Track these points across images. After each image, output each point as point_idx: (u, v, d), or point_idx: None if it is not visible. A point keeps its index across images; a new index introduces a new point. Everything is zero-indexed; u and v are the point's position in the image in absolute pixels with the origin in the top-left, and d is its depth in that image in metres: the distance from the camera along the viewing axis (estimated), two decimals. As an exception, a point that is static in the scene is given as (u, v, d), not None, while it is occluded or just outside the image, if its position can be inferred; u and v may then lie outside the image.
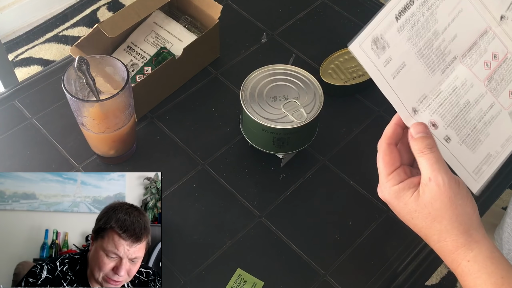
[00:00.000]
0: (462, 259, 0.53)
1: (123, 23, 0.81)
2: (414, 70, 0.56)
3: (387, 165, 0.56)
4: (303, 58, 0.94)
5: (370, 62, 0.54)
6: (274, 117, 0.74)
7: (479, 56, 0.59)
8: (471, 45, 0.58)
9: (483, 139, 0.59)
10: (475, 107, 0.59)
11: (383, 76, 0.55)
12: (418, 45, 0.56)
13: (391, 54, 0.54)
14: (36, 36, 1.93)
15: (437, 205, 0.53)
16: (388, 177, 0.55)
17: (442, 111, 0.57)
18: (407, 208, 0.55)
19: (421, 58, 0.56)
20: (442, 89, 0.57)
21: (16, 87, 0.88)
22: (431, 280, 1.43)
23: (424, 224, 0.54)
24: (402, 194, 0.55)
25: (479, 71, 0.59)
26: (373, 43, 0.54)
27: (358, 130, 0.85)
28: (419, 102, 0.56)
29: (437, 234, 0.54)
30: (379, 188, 0.57)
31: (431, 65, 0.57)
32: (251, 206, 0.76)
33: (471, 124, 0.58)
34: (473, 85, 0.58)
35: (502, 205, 1.55)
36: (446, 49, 0.57)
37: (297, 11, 1.02)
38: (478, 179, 0.60)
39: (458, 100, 0.57)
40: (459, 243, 0.53)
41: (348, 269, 0.71)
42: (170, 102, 0.87)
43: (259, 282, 0.69)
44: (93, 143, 0.78)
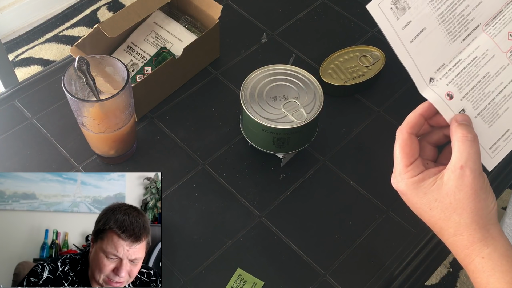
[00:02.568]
0: (476, 255, 0.51)
1: (123, 23, 0.81)
2: (434, 36, 0.54)
3: (406, 155, 0.53)
4: (303, 58, 0.94)
5: (388, 23, 0.52)
6: (274, 117, 0.74)
7: (503, 25, 0.56)
8: (496, 13, 0.55)
9: (501, 113, 0.56)
10: (495, 79, 0.56)
11: (401, 39, 0.52)
12: (441, 9, 0.53)
13: (411, 16, 0.52)
14: (36, 36, 1.93)
15: (460, 196, 0.51)
16: (407, 168, 0.53)
17: (459, 81, 0.55)
18: (426, 198, 0.53)
19: (442, 23, 0.54)
20: (462, 58, 0.55)
21: (16, 87, 0.88)
22: (431, 280, 1.43)
23: (443, 215, 0.52)
24: (421, 184, 0.53)
25: (502, 42, 0.56)
26: (392, 3, 0.52)
27: (358, 130, 0.85)
28: (436, 70, 0.54)
29: (454, 227, 0.52)
30: (394, 179, 0.55)
31: (452, 31, 0.54)
32: (251, 206, 0.76)
33: (489, 97, 0.56)
34: (494, 55, 0.55)
35: (502, 205, 1.55)
36: (469, 15, 0.54)
37: (297, 11, 1.02)
38: (494, 156, 0.57)
39: (477, 71, 0.55)
40: (476, 238, 0.51)
41: (348, 269, 0.71)
42: (170, 102, 0.87)
43: (259, 282, 0.69)
44: (93, 143, 0.78)
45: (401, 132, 0.54)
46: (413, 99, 0.56)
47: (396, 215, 0.76)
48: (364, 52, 0.91)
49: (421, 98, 0.55)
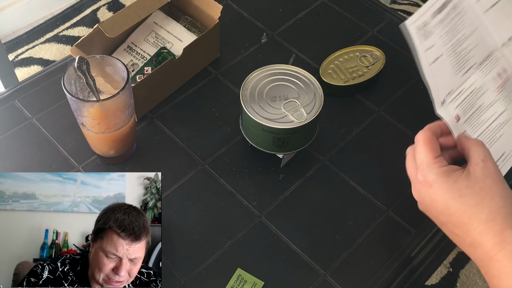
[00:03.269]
0: (508, 243, 0.51)
1: (123, 23, 0.81)
2: (446, 64, 0.60)
3: (432, 149, 0.56)
4: (303, 58, 0.94)
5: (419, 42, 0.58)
6: (274, 117, 0.74)
7: (493, 66, 0.64)
8: (487, 55, 0.63)
9: (498, 137, 0.63)
10: (489, 109, 0.63)
11: (427, 59, 0.59)
12: (452, 41, 0.60)
13: (433, 41, 0.59)
14: (36, 36, 1.93)
15: (489, 182, 0.53)
16: (435, 159, 0.56)
17: (463, 107, 0.61)
18: (456, 185, 0.54)
19: (452, 54, 0.61)
20: (465, 88, 0.62)
21: (16, 87, 0.88)
22: (431, 280, 1.43)
23: (474, 201, 0.53)
24: (451, 173, 0.55)
25: (493, 80, 0.64)
26: (422, 26, 0.58)
27: (358, 130, 0.85)
28: (447, 95, 0.60)
29: (487, 212, 0.52)
30: (421, 171, 0.56)
31: (457, 64, 0.61)
32: (251, 206, 0.76)
33: (485, 124, 0.63)
34: (487, 91, 0.63)
35: (502, 205, 1.55)
36: (470, 52, 0.62)
37: (297, 11, 1.02)
38: None
39: (474, 101, 0.62)
40: (508, 224, 0.52)
41: (348, 269, 0.71)
42: (170, 102, 0.87)
43: (259, 282, 0.69)
44: (93, 143, 0.78)
45: (423, 132, 0.58)
46: (413, 99, 0.56)
47: (396, 215, 0.76)
48: (364, 52, 0.91)
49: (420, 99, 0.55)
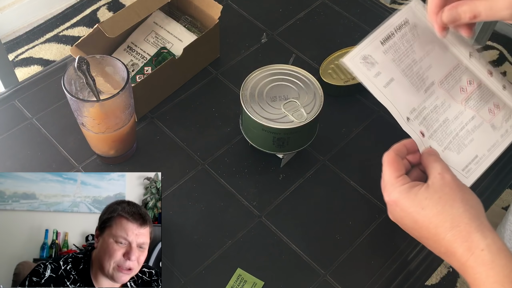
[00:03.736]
0: (476, 248, 0.52)
1: (123, 23, 0.81)
2: (402, 85, 0.62)
3: (395, 169, 0.59)
4: (303, 58, 0.94)
5: (362, 73, 0.61)
6: (274, 117, 0.74)
7: (455, 82, 0.65)
8: (446, 74, 0.65)
9: (467, 143, 0.64)
10: (455, 121, 0.65)
11: (375, 85, 0.61)
12: (401, 66, 0.62)
13: (379, 69, 0.61)
14: (36, 36, 1.93)
15: (447, 190, 0.55)
16: (398, 179, 0.58)
17: (426, 124, 0.63)
18: (417, 199, 0.56)
19: (405, 76, 0.63)
20: (426, 105, 0.63)
21: (16, 87, 0.88)
22: (431, 280, 1.43)
23: (435, 210, 0.55)
24: (411, 189, 0.57)
25: (456, 94, 0.65)
26: (363, 59, 0.61)
27: (358, 130, 0.85)
28: (409, 112, 0.62)
29: (450, 219, 0.54)
30: (386, 191, 0.59)
31: (415, 84, 0.63)
32: (251, 206, 0.76)
33: (452, 134, 0.64)
34: (451, 105, 0.64)
35: (502, 205, 1.55)
36: (424, 74, 0.63)
37: (297, 11, 1.02)
38: (468, 177, 0.64)
39: (438, 117, 0.64)
40: (472, 227, 0.53)
41: (348, 269, 0.71)
42: (170, 102, 0.87)
43: (259, 282, 0.69)
44: (93, 143, 0.78)
45: (387, 154, 0.60)
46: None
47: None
48: (364, 52, 0.91)
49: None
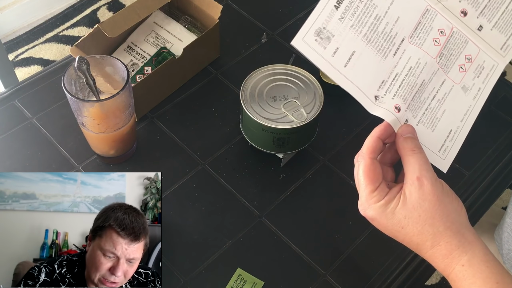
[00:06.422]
0: (456, 264, 0.51)
1: (123, 23, 0.81)
2: (366, 57, 0.55)
3: (371, 181, 0.53)
4: (303, 58, 0.94)
5: (317, 54, 0.53)
6: (274, 117, 0.74)
7: (426, 33, 0.58)
8: (416, 24, 0.57)
9: (439, 116, 0.58)
10: (428, 85, 0.57)
11: (334, 66, 0.54)
12: (363, 31, 0.55)
13: (337, 43, 0.54)
14: (36, 36, 1.93)
15: (426, 206, 0.51)
16: (373, 194, 0.53)
17: (402, 93, 0.56)
18: (396, 218, 0.52)
19: (369, 43, 0.55)
20: (398, 71, 0.56)
21: (16, 87, 0.88)
22: (431, 280, 1.43)
23: (416, 230, 0.52)
24: (388, 206, 0.53)
25: (430, 48, 0.57)
26: (316, 35, 0.53)
27: (358, 130, 0.85)
28: (378, 88, 0.55)
29: (431, 238, 0.52)
30: (361, 206, 0.54)
31: (381, 49, 0.56)
32: (251, 206, 0.76)
33: (425, 104, 0.57)
34: (426, 63, 0.57)
35: (502, 205, 1.55)
36: (391, 31, 0.56)
37: (297, 11, 1.02)
38: (446, 158, 0.59)
39: (415, 80, 0.56)
40: (453, 245, 0.51)
41: (348, 269, 0.71)
42: (170, 102, 0.87)
43: (259, 282, 0.69)
44: (93, 143, 0.78)
45: (363, 158, 0.54)
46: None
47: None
48: (364, 52, 0.91)
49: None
